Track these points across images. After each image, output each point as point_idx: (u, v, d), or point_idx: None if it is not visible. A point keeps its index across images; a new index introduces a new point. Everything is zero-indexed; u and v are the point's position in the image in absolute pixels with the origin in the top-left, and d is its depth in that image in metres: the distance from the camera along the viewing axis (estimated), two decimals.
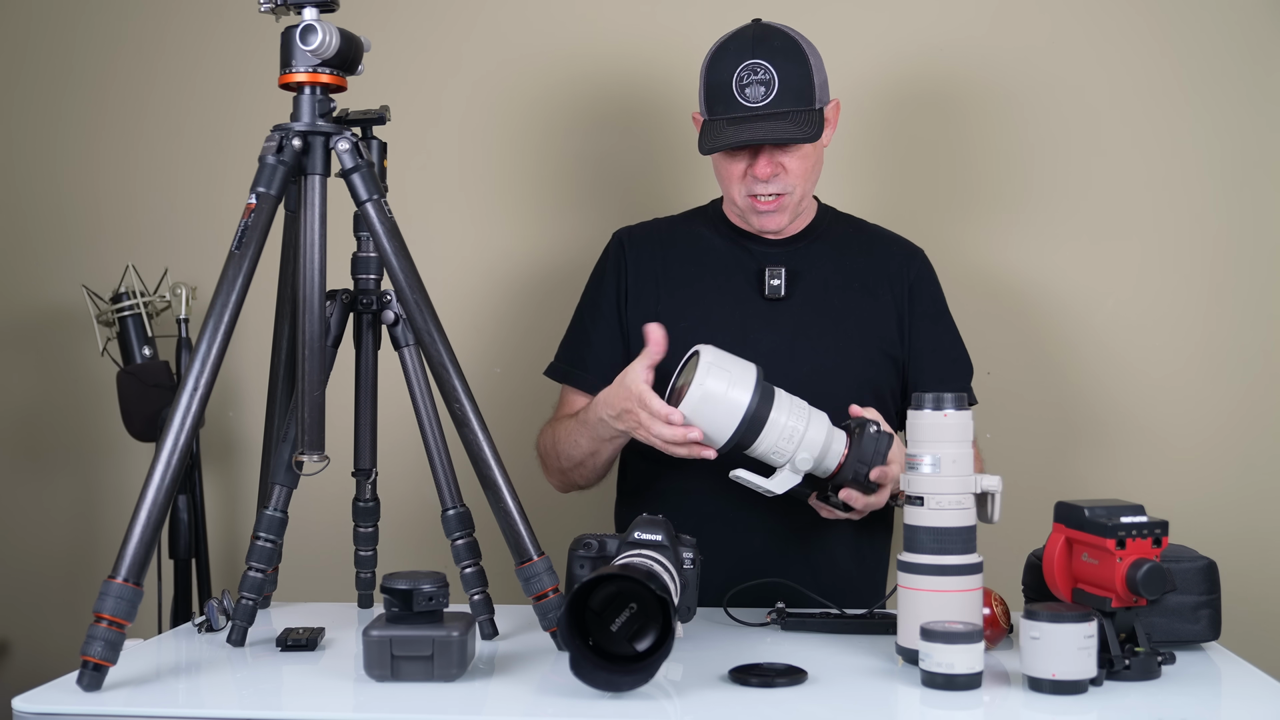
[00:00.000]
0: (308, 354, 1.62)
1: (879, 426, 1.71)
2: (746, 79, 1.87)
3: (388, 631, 1.42)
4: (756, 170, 1.90)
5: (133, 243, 2.57)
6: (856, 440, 1.70)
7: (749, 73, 1.87)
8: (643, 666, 1.36)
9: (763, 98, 1.87)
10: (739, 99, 1.88)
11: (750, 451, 1.69)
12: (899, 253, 2.06)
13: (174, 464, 1.50)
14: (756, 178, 1.91)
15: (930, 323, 2.03)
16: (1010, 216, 2.48)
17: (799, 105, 1.88)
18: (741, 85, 1.87)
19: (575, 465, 1.96)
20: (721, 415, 1.66)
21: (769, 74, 1.87)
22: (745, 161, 1.92)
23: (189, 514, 2.41)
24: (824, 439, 1.69)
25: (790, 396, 1.70)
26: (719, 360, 1.68)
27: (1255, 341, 2.43)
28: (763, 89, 1.87)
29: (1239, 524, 2.40)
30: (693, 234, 2.05)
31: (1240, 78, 2.44)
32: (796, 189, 1.93)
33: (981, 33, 2.49)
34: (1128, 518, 1.43)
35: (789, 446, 1.67)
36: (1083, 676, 1.37)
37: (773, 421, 1.66)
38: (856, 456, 1.70)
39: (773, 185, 1.91)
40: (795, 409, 1.69)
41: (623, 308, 2.01)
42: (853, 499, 1.73)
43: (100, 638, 1.43)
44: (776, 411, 1.67)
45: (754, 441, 1.67)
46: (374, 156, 1.71)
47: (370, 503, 1.83)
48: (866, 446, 1.70)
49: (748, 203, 1.94)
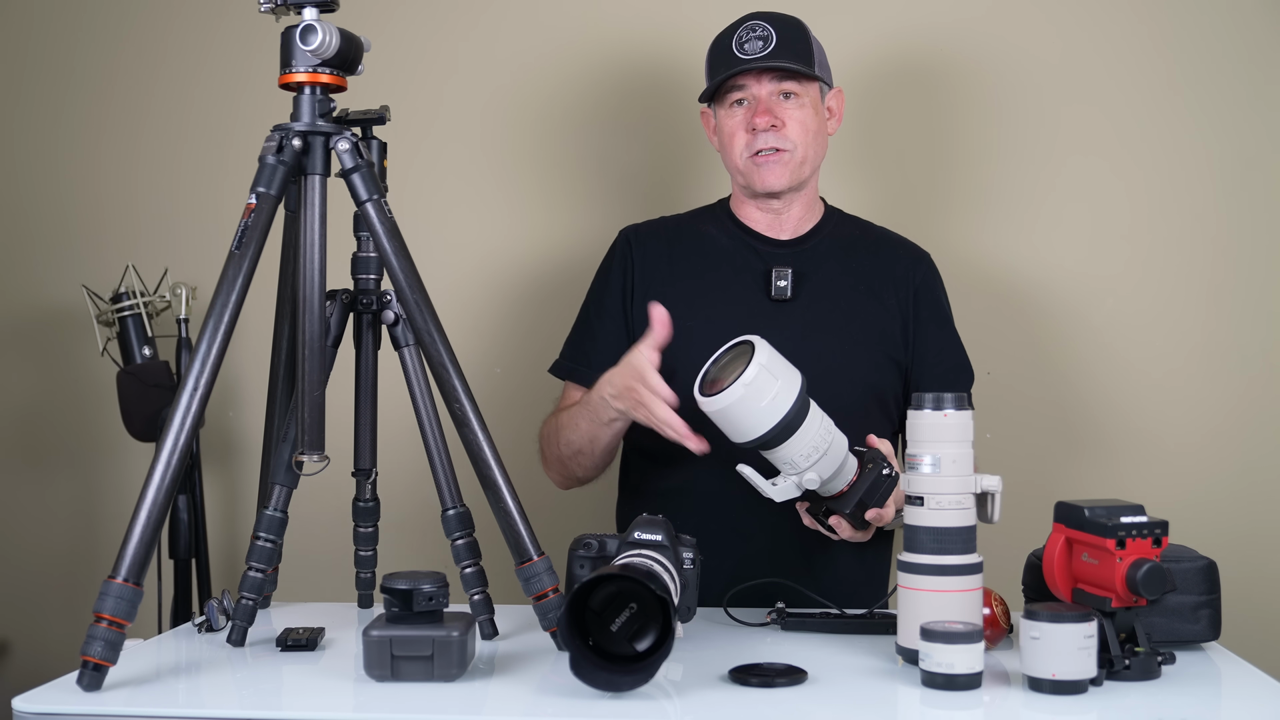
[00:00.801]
0: (308, 354, 1.62)
1: (890, 469, 1.70)
2: (745, 36, 1.93)
3: (388, 631, 1.42)
4: (755, 117, 1.93)
5: (133, 243, 2.58)
6: (864, 475, 1.70)
7: (748, 31, 1.94)
8: (643, 666, 1.36)
9: (760, 50, 1.92)
10: (738, 54, 1.93)
11: (765, 452, 1.68)
12: (905, 256, 2.06)
13: (174, 464, 1.50)
14: (756, 128, 1.93)
15: (934, 328, 2.03)
16: (1009, 216, 2.48)
17: (796, 60, 1.92)
18: (741, 42, 1.93)
19: (575, 453, 1.96)
20: (755, 416, 1.62)
21: (767, 30, 1.92)
22: (745, 115, 1.95)
23: (189, 514, 2.41)
24: (838, 465, 1.68)
25: (823, 415, 1.66)
26: (771, 363, 1.62)
27: (1255, 341, 2.43)
28: (760, 43, 1.92)
29: (1239, 524, 2.40)
30: (700, 233, 2.05)
31: (1241, 78, 2.44)
32: (798, 148, 1.95)
33: (981, 33, 2.49)
34: (1128, 518, 1.43)
35: (804, 463, 1.65)
36: (1083, 676, 1.37)
37: (800, 435, 1.63)
38: (859, 491, 1.69)
39: (772, 138, 1.94)
40: (824, 429, 1.66)
41: (628, 305, 2.01)
42: (840, 527, 1.74)
43: (100, 638, 1.42)
44: (806, 428, 1.64)
45: (775, 447, 1.65)
46: (374, 156, 1.71)
47: (370, 503, 1.83)
48: (872, 486, 1.69)
49: (749, 163, 1.95)
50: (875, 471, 1.69)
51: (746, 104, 1.95)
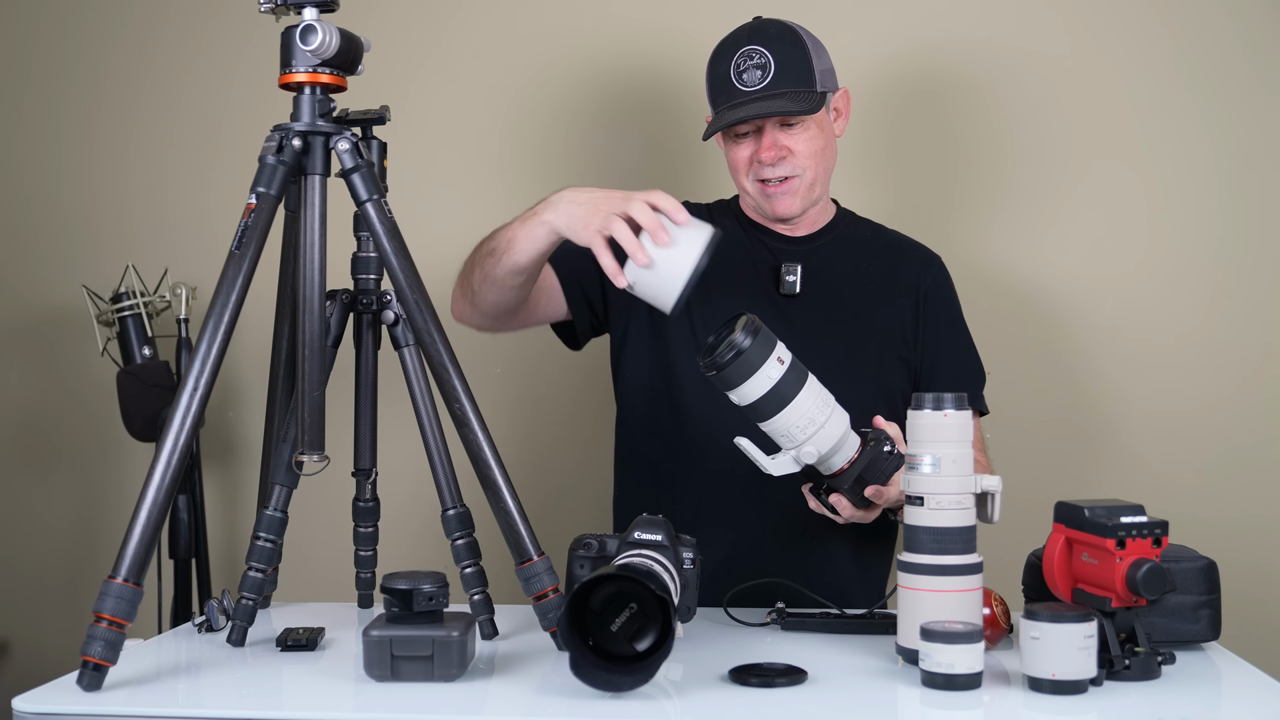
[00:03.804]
0: (308, 354, 1.62)
1: (893, 448, 1.70)
2: (743, 65, 1.90)
3: (388, 631, 1.42)
4: (761, 154, 1.91)
5: (133, 243, 2.58)
6: (866, 453, 1.69)
7: (745, 59, 1.90)
8: (643, 666, 1.36)
9: (759, 81, 1.89)
10: (737, 85, 1.90)
11: (763, 425, 1.67)
12: (916, 257, 2.06)
13: (174, 464, 1.50)
14: (761, 162, 1.92)
15: (944, 328, 2.03)
16: (1010, 216, 2.48)
17: (796, 86, 1.90)
18: (739, 71, 1.91)
19: (488, 254, 1.83)
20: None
21: (765, 58, 1.89)
22: (751, 147, 1.94)
23: (189, 514, 2.42)
24: (837, 439, 1.67)
25: (820, 386, 1.67)
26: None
27: (1256, 342, 2.43)
28: (759, 73, 1.89)
29: (1239, 524, 2.40)
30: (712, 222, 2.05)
31: (1244, 77, 2.44)
32: (806, 171, 1.94)
33: (985, 33, 2.49)
34: (1128, 518, 1.43)
35: (801, 435, 1.65)
36: (1083, 676, 1.37)
37: (797, 403, 1.63)
38: (860, 468, 1.69)
39: (780, 168, 1.93)
40: (822, 400, 1.66)
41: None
42: (841, 506, 1.72)
43: (100, 638, 1.42)
44: (804, 395, 1.64)
45: (772, 416, 1.64)
46: (374, 156, 1.71)
47: (370, 503, 1.83)
48: (873, 462, 1.69)
49: (758, 189, 1.96)
50: (876, 449, 1.69)
51: (751, 134, 1.94)
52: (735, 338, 1.60)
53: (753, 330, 1.61)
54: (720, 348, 1.61)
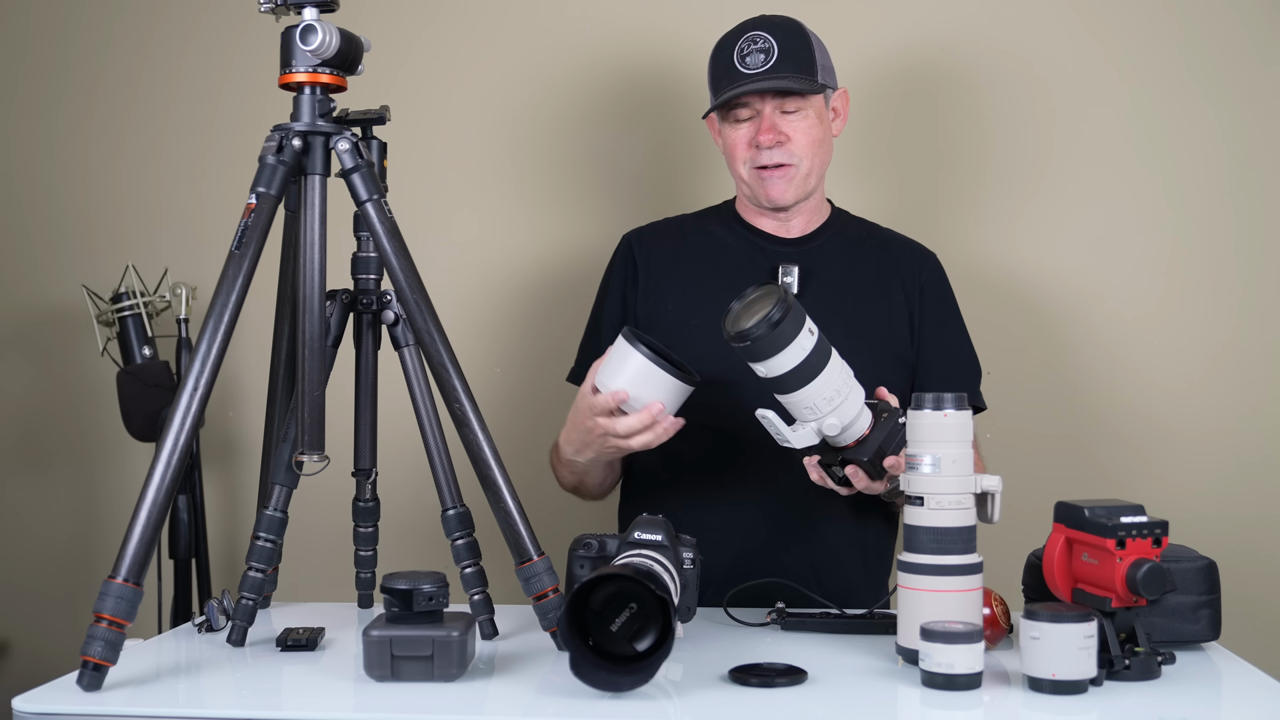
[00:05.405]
0: (308, 354, 1.62)
1: (904, 417, 1.70)
2: (747, 49, 1.92)
3: (388, 631, 1.42)
4: (760, 135, 1.92)
5: (132, 243, 2.57)
6: (883, 424, 1.69)
7: (749, 43, 1.92)
8: (643, 666, 1.36)
9: (762, 64, 1.91)
10: (740, 68, 1.92)
11: (788, 397, 1.66)
12: (911, 255, 2.06)
13: (174, 464, 1.50)
14: (759, 145, 1.93)
15: (940, 326, 2.03)
16: (1009, 216, 2.48)
17: (798, 71, 1.91)
18: (742, 55, 1.92)
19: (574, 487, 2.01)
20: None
21: (768, 43, 1.91)
22: (749, 130, 1.94)
23: (189, 514, 2.41)
24: (855, 412, 1.68)
25: (842, 361, 1.67)
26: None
27: (1256, 342, 2.43)
28: (762, 56, 1.91)
29: (1239, 524, 2.40)
30: (705, 232, 2.06)
31: (1244, 77, 2.43)
32: (803, 161, 1.95)
33: (982, 32, 2.49)
34: (1128, 518, 1.43)
35: (827, 407, 1.65)
36: (1083, 676, 1.37)
37: (825, 375, 1.63)
38: (878, 438, 1.69)
39: (777, 154, 1.94)
40: (846, 373, 1.67)
41: (632, 310, 2.01)
42: (857, 478, 1.72)
43: (100, 638, 1.43)
44: (831, 367, 1.64)
45: (800, 388, 1.63)
46: (374, 156, 1.71)
47: (370, 503, 1.83)
48: (891, 433, 1.69)
49: (754, 175, 1.96)
50: (892, 420, 1.69)
51: (750, 119, 1.95)
52: (771, 312, 1.59)
53: (785, 302, 1.59)
54: (754, 322, 1.59)
